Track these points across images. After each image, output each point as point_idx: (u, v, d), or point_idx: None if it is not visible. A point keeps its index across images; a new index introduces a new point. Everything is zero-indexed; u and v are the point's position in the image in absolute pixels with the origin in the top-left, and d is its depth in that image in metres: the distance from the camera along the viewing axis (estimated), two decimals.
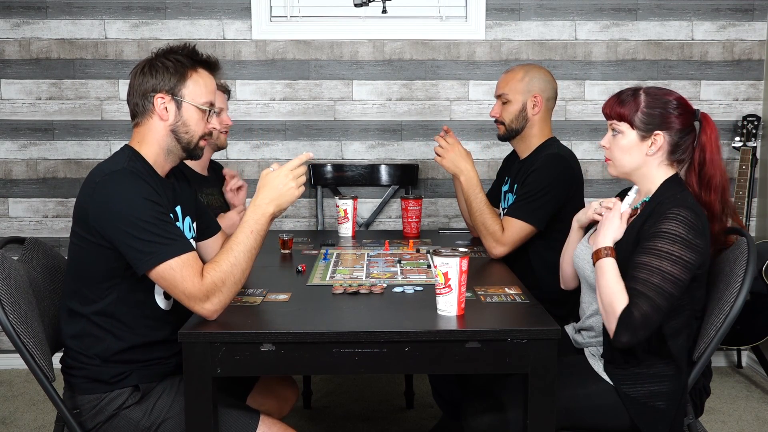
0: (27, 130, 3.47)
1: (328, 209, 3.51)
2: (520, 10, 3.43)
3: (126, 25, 3.41)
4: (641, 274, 1.72)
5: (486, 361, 1.68)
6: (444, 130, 2.57)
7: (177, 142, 1.84)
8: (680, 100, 1.88)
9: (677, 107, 1.86)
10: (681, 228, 1.72)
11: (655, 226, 1.75)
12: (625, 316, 1.70)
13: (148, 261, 1.68)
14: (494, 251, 2.43)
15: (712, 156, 1.87)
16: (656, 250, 1.72)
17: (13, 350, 1.85)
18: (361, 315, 1.81)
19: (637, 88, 1.90)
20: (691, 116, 1.88)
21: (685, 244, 1.72)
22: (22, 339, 1.78)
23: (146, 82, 1.80)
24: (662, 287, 1.70)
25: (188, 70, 1.82)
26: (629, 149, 1.87)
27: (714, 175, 1.86)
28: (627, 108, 1.86)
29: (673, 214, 1.74)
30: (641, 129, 1.85)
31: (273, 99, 3.47)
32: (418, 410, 3.14)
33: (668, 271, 1.71)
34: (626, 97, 1.87)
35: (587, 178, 2.85)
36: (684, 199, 1.79)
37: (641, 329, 1.70)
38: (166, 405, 1.82)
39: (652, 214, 1.80)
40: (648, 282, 1.71)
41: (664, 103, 1.85)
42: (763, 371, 3.35)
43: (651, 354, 1.82)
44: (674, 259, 1.71)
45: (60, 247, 3.45)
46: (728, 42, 3.46)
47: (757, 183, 3.50)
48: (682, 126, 1.85)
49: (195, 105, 1.82)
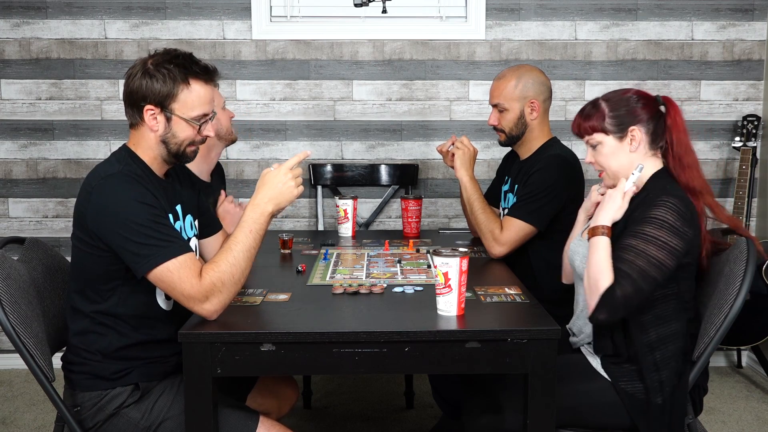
0: (27, 130, 3.47)
1: (328, 209, 3.51)
2: (520, 10, 3.43)
3: (126, 25, 3.41)
4: (627, 255, 1.77)
5: (486, 361, 1.68)
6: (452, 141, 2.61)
7: (167, 151, 1.83)
8: (638, 93, 1.94)
9: (638, 99, 1.92)
10: (669, 215, 1.77)
11: (644, 213, 1.80)
12: (608, 294, 1.75)
13: (145, 264, 1.68)
14: (494, 251, 2.43)
15: (679, 135, 1.91)
16: (643, 233, 1.77)
17: (13, 350, 1.84)
18: (361, 315, 1.81)
19: (594, 100, 1.96)
20: (654, 102, 1.93)
21: (673, 230, 1.76)
22: (22, 339, 1.78)
23: (137, 91, 1.78)
24: (646, 270, 1.74)
25: (179, 83, 1.77)
26: (613, 154, 1.92)
27: (684, 154, 1.91)
28: (594, 120, 1.92)
29: (662, 201, 1.79)
30: (615, 131, 1.91)
31: (273, 99, 3.47)
32: (418, 410, 3.13)
33: (653, 255, 1.75)
34: (589, 111, 1.94)
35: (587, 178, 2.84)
36: (673, 189, 1.84)
37: (621, 309, 1.75)
38: (165, 405, 1.82)
39: (642, 203, 1.84)
40: (633, 264, 1.75)
41: (626, 101, 1.92)
42: (763, 371, 3.35)
43: (647, 350, 1.82)
44: (660, 244, 1.75)
45: (60, 247, 3.45)
46: (728, 42, 3.46)
47: (757, 183, 3.50)
48: (650, 114, 1.91)
49: (185, 119, 1.80)
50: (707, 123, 3.51)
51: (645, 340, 1.83)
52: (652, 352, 1.83)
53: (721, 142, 3.53)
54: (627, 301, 1.74)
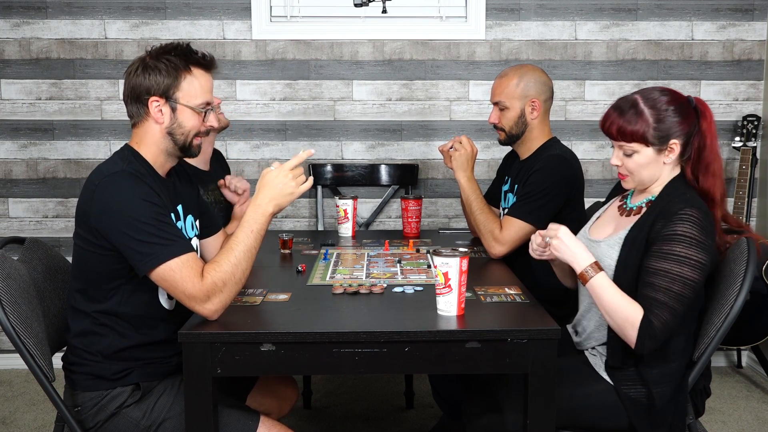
0: (27, 130, 3.47)
1: (328, 209, 3.51)
2: (520, 10, 3.43)
3: (126, 25, 3.41)
4: (661, 282, 1.73)
5: (486, 361, 1.68)
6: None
7: (174, 144, 1.83)
8: (677, 100, 1.84)
9: (679, 112, 1.83)
10: (694, 230, 1.73)
11: (667, 227, 1.75)
12: (646, 326, 1.72)
13: (147, 262, 1.68)
14: (493, 251, 2.43)
15: (712, 141, 1.85)
16: (674, 255, 1.73)
17: (13, 350, 1.85)
18: (361, 315, 1.81)
19: (633, 101, 1.84)
20: (691, 111, 1.85)
21: (701, 246, 1.73)
22: (22, 339, 1.78)
23: (139, 85, 1.79)
24: (683, 294, 1.73)
25: (181, 71, 1.79)
26: (647, 164, 1.85)
27: (713, 161, 1.85)
28: (636, 126, 1.81)
29: (686, 215, 1.74)
30: (656, 144, 1.83)
31: (273, 99, 3.47)
32: (418, 410, 3.13)
33: (688, 276, 1.72)
34: (630, 115, 1.82)
35: (587, 178, 2.85)
36: (693, 199, 1.80)
37: (663, 334, 1.73)
38: (166, 405, 1.82)
39: (662, 213, 1.79)
40: (670, 290, 1.72)
41: (670, 113, 1.82)
42: (763, 371, 3.35)
43: (652, 355, 1.82)
44: (693, 264, 1.72)
45: (60, 247, 3.45)
46: (728, 42, 3.46)
47: (757, 183, 3.50)
48: (690, 126, 1.84)
49: (190, 107, 1.81)
50: None
51: (664, 351, 1.82)
52: (659, 360, 1.82)
53: (721, 142, 3.52)
54: (666, 327, 1.72)
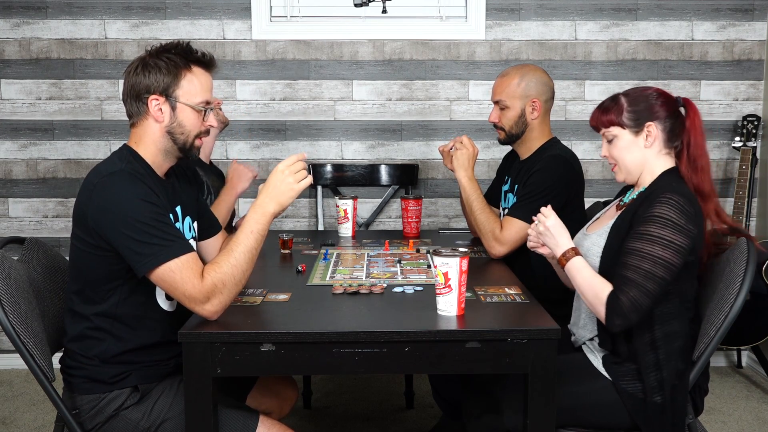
0: (27, 130, 3.47)
1: (328, 209, 3.51)
2: (520, 10, 3.43)
3: (126, 25, 3.41)
4: (632, 260, 1.77)
5: (486, 361, 1.68)
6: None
7: (173, 143, 1.82)
8: (659, 91, 1.95)
9: (658, 97, 1.93)
10: (672, 212, 1.77)
11: (647, 210, 1.80)
12: (612, 301, 1.77)
13: (147, 263, 1.67)
14: (494, 251, 2.43)
15: (696, 139, 1.93)
16: (647, 234, 1.78)
17: (13, 350, 1.85)
18: (361, 315, 1.81)
19: (614, 95, 1.97)
20: (674, 102, 1.94)
21: (677, 228, 1.76)
22: (22, 339, 1.78)
23: (139, 83, 1.78)
24: (653, 272, 1.75)
25: (181, 69, 1.78)
26: (627, 148, 1.93)
27: (699, 156, 1.93)
28: (612, 114, 1.93)
29: (665, 198, 1.79)
30: (632, 126, 1.92)
31: (273, 99, 3.47)
32: (418, 410, 3.13)
33: (659, 255, 1.75)
34: (608, 104, 1.95)
35: (587, 178, 2.85)
36: (679, 188, 1.84)
37: (632, 313, 1.75)
38: (165, 405, 1.82)
39: (646, 199, 1.85)
40: (639, 268, 1.76)
41: (645, 97, 1.92)
42: (763, 371, 3.35)
43: (648, 348, 1.83)
44: (666, 243, 1.76)
45: (60, 247, 3.45)
46: (728, 42, 3.46)
47: (757, 183, 3.50)
48: (668, 112, 1.92)
49: (190, 105, 1.80)
50: (707, 123, 3.47)
51: (646, 338, 1.83)
52: (653, 350, 1.83)
53: (721, 142, 3.53)
54: (635, 304, 1.75)
